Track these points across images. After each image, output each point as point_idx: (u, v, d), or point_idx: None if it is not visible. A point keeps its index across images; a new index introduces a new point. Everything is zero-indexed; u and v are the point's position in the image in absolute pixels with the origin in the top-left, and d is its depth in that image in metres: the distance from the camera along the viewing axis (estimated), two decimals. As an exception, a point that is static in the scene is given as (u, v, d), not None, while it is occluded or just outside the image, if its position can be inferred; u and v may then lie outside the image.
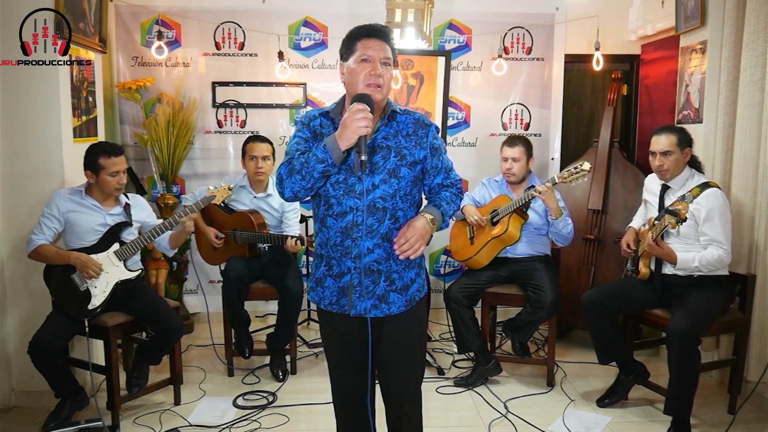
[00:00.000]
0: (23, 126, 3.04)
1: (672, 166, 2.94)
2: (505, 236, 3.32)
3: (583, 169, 3.11)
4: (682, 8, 3.57)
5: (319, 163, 1.80)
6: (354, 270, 1.92)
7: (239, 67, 4.33)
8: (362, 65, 1.86)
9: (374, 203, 1.88)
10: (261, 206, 3.55)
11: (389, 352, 2.00)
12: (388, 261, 1.92)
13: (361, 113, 1.75)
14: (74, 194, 2.93)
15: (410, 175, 1.92)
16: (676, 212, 2.61)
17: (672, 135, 2.94)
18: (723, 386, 3.29)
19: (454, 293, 3.35)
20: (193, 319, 4.36)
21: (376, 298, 1.94)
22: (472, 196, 3.65)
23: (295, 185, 1.85)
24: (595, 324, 3.06)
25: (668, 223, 2.65)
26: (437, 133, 2.00)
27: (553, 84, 4.44)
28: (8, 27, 2.94)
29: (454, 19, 4.38)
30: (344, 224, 1.89)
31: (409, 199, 1.94)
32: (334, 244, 1.92)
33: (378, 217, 1.88)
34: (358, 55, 1.87)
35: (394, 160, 1.89)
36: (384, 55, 1.87)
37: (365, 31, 1.90)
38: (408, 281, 1.98)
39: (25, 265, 3.01)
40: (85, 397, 2.94)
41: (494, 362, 3.39)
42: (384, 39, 1.89)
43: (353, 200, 1.88)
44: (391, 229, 1.90)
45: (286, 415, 3.06)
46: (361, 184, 1.87)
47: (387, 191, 1.88)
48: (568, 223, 3.30)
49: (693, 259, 2.82)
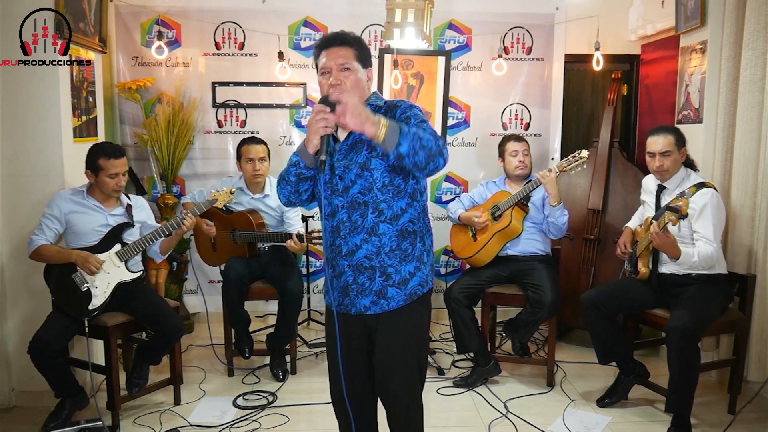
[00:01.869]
0: (23, 126, 3.04)
1: (671, 166, 2.95)
2: (508, 230, 3.34)
3: (581, 157, 3.19)
4: (682, 8, 3.57)
5: (292, 167, 1.93)
6: (347, 268, 1.95)
7: (239, 67, 4.33)
8: (323, 78, 1.92)
9: (355, 199, 1.90)
10: (259, 207, 3.55)
11: (385, 354, 1.98)
12: (380, 256, 1.92)
13: (319, 114, 1.78)
14: (75, 195, 2.93)
15: (383, 165, 1.88)
16: (677, 208, 2.60)
17: (669, 135, 2.95)
18: (723, 386, 3.29)
19: (455, 293, 3.35)
20: (193, 319, 4.37)
21: (374, 294, 1.94)
22: (471, 197, 3.66)
23: (284, 190, 1.99)
24: (595, 324, 3.06)
25: (669, 219, 2.64)
26: (408, 108, 1.90)
27: (553, 84, 4.44)
28: (8, 27, 2.94)
29: (454, 19, 4.38)
30: (334, 223, 1.94)
31: (391, 189, 1.91)
32: (329, 244, 1.97)
33: (361, 212, 1.91)
34: (320, 69, 1.92)
35: (364, 153, 1.88)
36: (340, 61, 1.88)
37: (320, 43, 1.94)
38: (406, 275, 1.96)
39: (26, 265, 3.01)
40: (85, 397, 2.94)
41: (493, 363, 3.39)
42: (339, 44, 1.90)
43: (339, 198, 1.92)
44: (377, 222, 1.91)
45: (286, 415, 3.06)
46: (342, 181, 1.90)
47: (363, 185, 1.89)
48: (564, 212, 3.35)
49: (693, 253, 2.81)
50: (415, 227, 1.97)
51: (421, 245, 1.99)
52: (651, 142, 2.99)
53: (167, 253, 3.16)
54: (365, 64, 1.95)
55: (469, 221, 3.48)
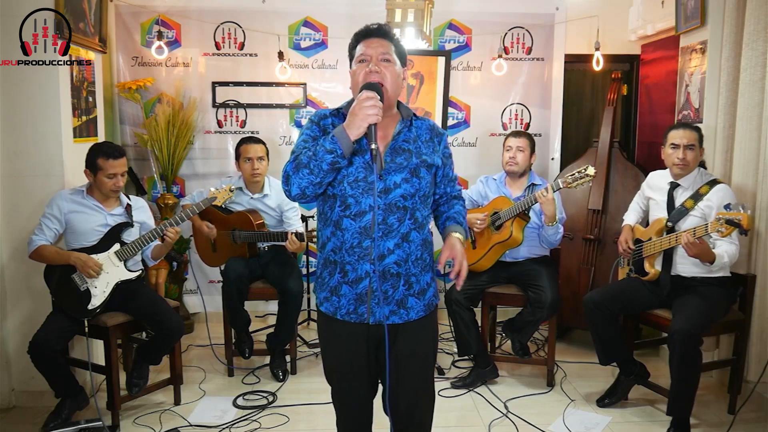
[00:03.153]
0: (23, 126, 3.04)
1: (692, 161, 2.94)
2: (509, 241, 3.29)
3: (587, 174, 3.07)
4: (682, 8, 3.57)
5: (328, 154, 1.73)
6: (373, 274, 1.83)
7: (239, 67, 4.33)
8: (360, 66, 1.84)
9: (395, 202, 1.83)
10: (258, 207, 3.55)
11: (404, 364, 1.91)
12: (407, 263, 1.87)
13: (369, 101, 1.70)
14: (75, 194, 2.93)
15: (429, 177, 1.90)
16: (738, 223, 2.46)
17: (694, 132, 2.96)
18: (723, 386, 3.29)
19: (455, 295, 3.34)
20: (193, 319, 4.37)
21: (395, 303, 1.87)
22: (470, 196, 3.64)
23: (302, 180, 1.77)
24: (596, 325, 3.06)
25: (718, 230, 2.53)
26: (449, 155, 2.05)
27: (553, 84, 4.44)
28: (8, 27, 2.94)
29: (454, 19, 4.38)
30: (363, 224, 1.82)
31: (428, 201, 1.93)
32: (351, 246, 1.83)
33: (398, 216, 1.83)
34: (357, 56, 1.86)
35: (416, 161, 1.86)
36: (382, 51, 1.83)
37: (363, 32, 1.88)
38: (425, 285, 1.93)
39: (26, 265, 3.01)
40: (85, 397, 2.94)
41: (492, 366, 3.39)
42: (382, 36, 1.86)
43: (372, 198, 1.81)
44: (411, 229, 1.86)
45: (286, 415, 3.06)
46: (382, 182, 1.82)
47: (408, 190, 1.85)
48: (558, 231, 3.29)
49: (724, 254, 2.76)
50: (430, 237, 1.98)
51: (430, 256, 1.98)
52: (676, 134, 2.96)
53: (158, 259, 3.15)
54: (403, 62, 1.92)
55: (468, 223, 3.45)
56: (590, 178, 3.09)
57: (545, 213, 3.18)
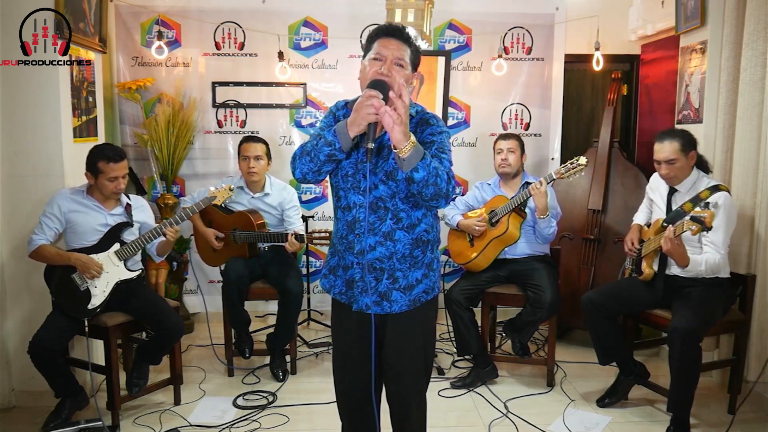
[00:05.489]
0: (23, 126, 3.04)
1: (678, 173, 2.90)
2: (505, 236, 3.32)
3: (579, 164, 3.14)
4: (682, 8, 3.57)
5: (326, 146, 1.80)
6: (356, 265, 1.92)
7: (239, 67, 4.33)
8: (373, 63, 1.86)
9: (376, 201, 1.88)
10: (259, 206, 3.55)
11: (391, 355, 1.98)
12: (391, 260, 1.91)
13: (371, 99, 1.72)
14: (75, 194, 2.93)
15: None
16: (702, 220, 2.49)
17: (674, 141, 2.86)
18: (723, 386, 3.29)
19: (455, 295, 3.34)
20: (193, 319, 4.37)
21: (378, 294, 1.93)
22: (465, 201, 3.64)
23: (304, 166, 1.86)
24: (595, 325, 3.06)
25: (689, 228, 2.56)
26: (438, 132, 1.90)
27: (553, 84, 4.44)
28: (8, 27, 2.94)
29: (454, 19, 4.38)
30: (349, 218, 1.91)
31: (412, 200, 1.90)
32: (341, 236, 1.94)
33: (380, 215, 1.89)
34: (373, 53, 1.87)
35: (392, 162, 1.85)
36: (398, 55, 1.85)
37: (384, 30, 1.89)
38: (413, 281, 1.95)
39: (26, 265, 3.01)
40: (85, 397, 2.94)
41: (492, 366, 3.40)
42: (402, 39, 1.88)
43: (357, 196, 1.88)
44: (394, 228, 1.89)
45: (286, 415, 3.06)
46: (365, 181, 1.85)
47: (386, 192, 1.87)
48: (551, 225, 3.30)
49: (702, 261, 2.78)
50: (429, 236, 1.96)
51: (431, 253, 1.98)
52: (656, 149, 2.92)
53: (164, 255, 3.16)
54: (414, 68, 1.96)
55: (468, 229, 3.45)
56: (582, 167, 3.15)
57: (537, 205, 3.22)
